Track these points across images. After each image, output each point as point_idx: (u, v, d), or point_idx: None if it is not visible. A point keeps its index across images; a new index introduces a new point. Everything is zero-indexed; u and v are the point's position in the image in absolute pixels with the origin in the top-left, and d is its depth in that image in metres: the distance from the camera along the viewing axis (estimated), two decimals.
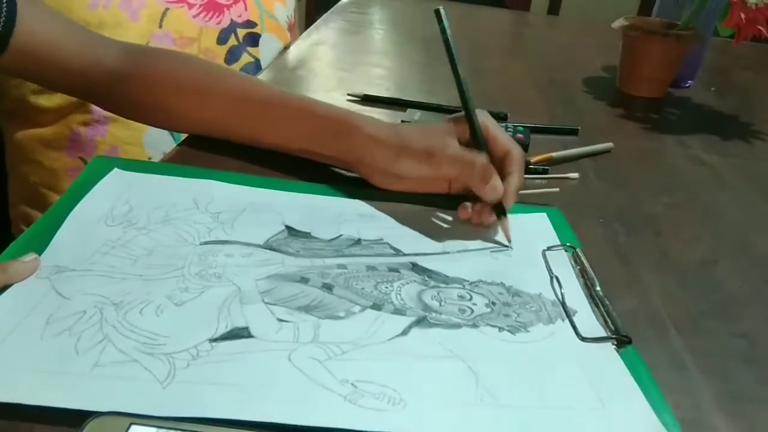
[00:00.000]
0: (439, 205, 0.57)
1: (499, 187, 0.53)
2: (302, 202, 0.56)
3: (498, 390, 0.38)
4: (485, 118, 0.56)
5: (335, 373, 0.37)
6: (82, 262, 0.44)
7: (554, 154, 0.70)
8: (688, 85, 1.03)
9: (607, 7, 1.67)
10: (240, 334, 0.40)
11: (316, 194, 0.57)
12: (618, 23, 0.93)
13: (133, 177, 0.55)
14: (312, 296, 0.44)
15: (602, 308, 0.47)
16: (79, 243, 0.46)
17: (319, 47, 1.05)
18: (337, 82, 0.89)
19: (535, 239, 0.54)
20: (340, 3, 1.32)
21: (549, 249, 0.53)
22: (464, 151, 0.55)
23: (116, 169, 0.56)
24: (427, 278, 0.48)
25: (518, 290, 0.48)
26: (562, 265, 0.51)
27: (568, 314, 0.46)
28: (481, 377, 0.39)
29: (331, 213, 0.55)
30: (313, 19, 1.19)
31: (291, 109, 0.60)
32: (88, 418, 0.31)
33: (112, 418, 0.31)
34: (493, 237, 0.54)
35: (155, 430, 0.31)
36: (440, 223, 0.56)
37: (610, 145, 0.76)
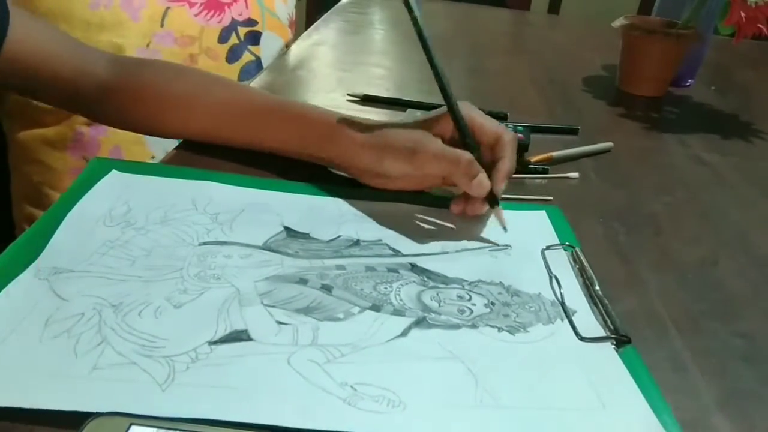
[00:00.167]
0: (438, 205, 0.57)
1: (485, 182, 0.53)
2: (301, 203, 0.56)
3: (498, 391, 0.38)
4: (469, 109, 0.56)
5: (334, 375, 0.37)
6: (81, 263, 0.44)
7: (554, 154, 0.70)
8: (688, 84, 1.02)
9: (607, 7, 1.67)
10: (239, 336, 0.40)
11: (314, 195, 0.57)
12: (618, 22, 0.93)
13: (131, 178, 0.55)
14: (311, 297, 0.44)
15: (602, 308, 0.47)
16: (78, 244, 0.46)
17: (319, 47, 1.05)
18: (337, 82, 0.89)
19: (534, 238, 0.54)
20: (340, 3, 1.32)
21: (548, 248, 0.53)
22: (447, 149, 0.54)
23: (114, 171, 0.56)
24: (426, 279, 0.48)
25: (517, 290, 0.48)
26: (562, 265, 0.51)
27: (568, 314, 0.46)
28: (481, 378, 0.39)
29: (330, 214, 0.55)
30: (313, 19, 1.19)
31: (281, 116, 0.60)
32: (88, 419, 0.31)
33: (112, 419, 0.32)
34: (492, 236, 0.54)
35: (155, 430, 0.31)
36: (439, 223, 0.56)
37: (610, 144, 0.76)
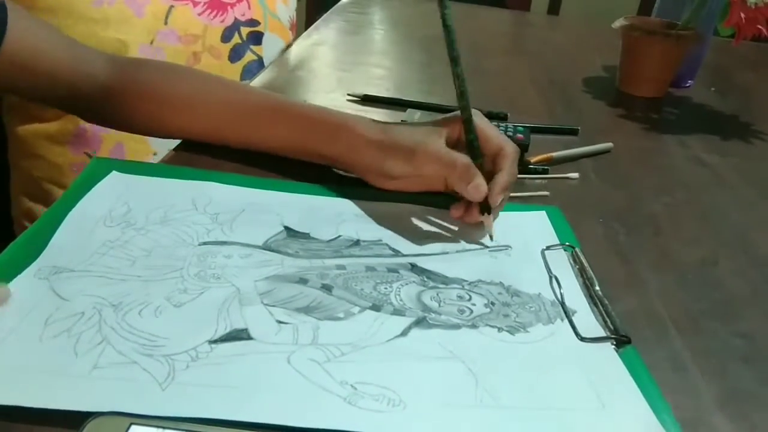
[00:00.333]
0: (438, 205, 0.57)
1: (482, 187, 0.53)
2: (301, 203, 0.56)
3: (497, 391, 0.38)
4: (477, 118, 0.56)
5: (334, 374, 0.37)
6: (81, 263, 0.44)
7: (554, 154, 0.70)
8: (688, 85, 1.02)
9: (607, 7, 1.67)
10: (239, 335, 0.40)
11: (314, 195, 0.57)
12: (618, 23, 0.93)
13: (131, 179, 0.55)
14: (311, 297, 0.44)
15: (601, 308, 0.47)
16: (78, 243, 0.46)
17: (319, 47, 1.05)
18: (337, 82, 0.89)
19: (534, 238, 0.54)
20: (340, 3, 1.32)
21: (548, 248, 0.53)
22: (446, 151, 0.54)
23: (114, 172, 0.56)
24: (426, 279, 0.48)
25: (517, 290, 0.48)
26: (562, 265, 0.51)
27: (568, 314, 0.46)
28: (481, 378, 0.39)
29: (330, 213, 0.55)
30: (313, 19, 1.19)
31: (283, 115, 0.60)
32: (88, 419, 0.31)
33: (112, 419, 0.32)
34: (492, 237, 0.54)
35: (155, 430, 0.31)
36: (439, 223, 0.56)
37: (610, 145, 0.76)
